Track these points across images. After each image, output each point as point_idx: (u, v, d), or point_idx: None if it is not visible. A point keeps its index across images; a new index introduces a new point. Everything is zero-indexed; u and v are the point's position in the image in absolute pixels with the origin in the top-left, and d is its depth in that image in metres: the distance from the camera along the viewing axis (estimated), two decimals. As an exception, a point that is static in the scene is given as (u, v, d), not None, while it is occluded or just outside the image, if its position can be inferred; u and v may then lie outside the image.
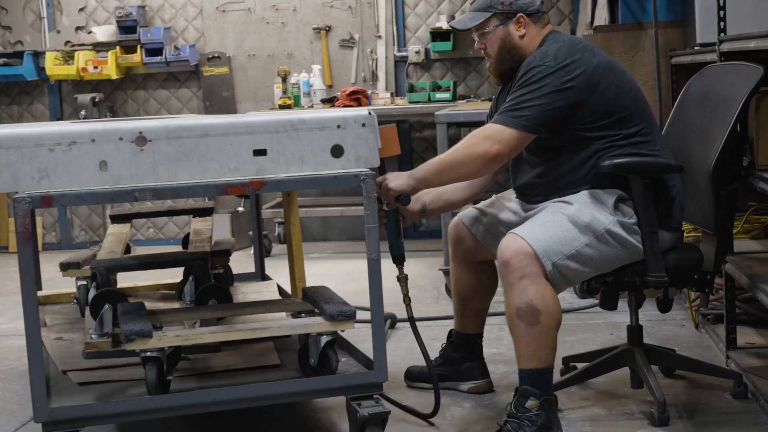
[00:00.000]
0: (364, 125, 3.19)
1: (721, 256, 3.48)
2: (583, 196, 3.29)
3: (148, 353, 3.04)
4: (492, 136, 3.24)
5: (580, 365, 3.80)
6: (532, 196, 3.47)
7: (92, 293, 3.86)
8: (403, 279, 3.49)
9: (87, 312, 3.65)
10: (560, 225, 3.20)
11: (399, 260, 3.50)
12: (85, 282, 4.13)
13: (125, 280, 4.51)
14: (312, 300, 3.38)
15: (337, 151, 3.17)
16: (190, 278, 3.92)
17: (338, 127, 3.17)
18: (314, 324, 3.17)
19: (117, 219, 4.68)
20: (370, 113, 3.21)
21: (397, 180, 3.37)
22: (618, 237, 3.24)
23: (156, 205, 4.70)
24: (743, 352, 3.94)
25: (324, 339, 3.18)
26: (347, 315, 3.14)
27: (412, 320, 3.50)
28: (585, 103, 3.25)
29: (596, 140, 3.30)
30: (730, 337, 3.95)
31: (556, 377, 3.74)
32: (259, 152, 3.11)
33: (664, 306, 3.59)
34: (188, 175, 3.05)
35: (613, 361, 3.64)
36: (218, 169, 3.07)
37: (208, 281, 3.91)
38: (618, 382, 3.78)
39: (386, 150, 3.29)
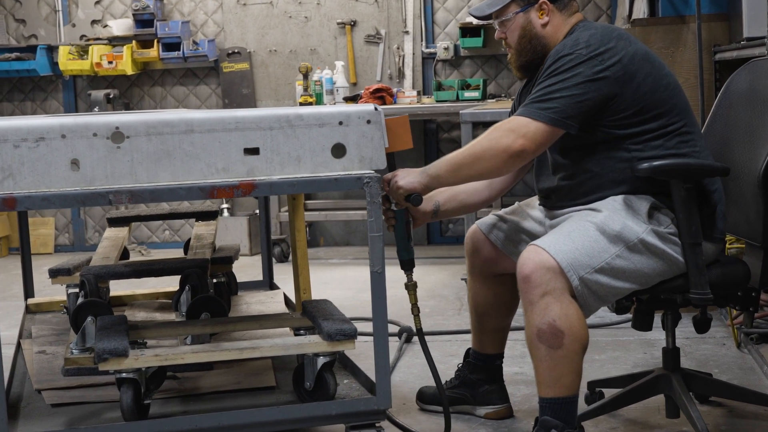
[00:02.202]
0: (369, 122, 2.88)
1: (768, 272, 3.12)
2: (612, 202, 2.96)
3: (124, 374, 2.73)
4: (516, 130, 2.91)
5: (607, 390, 3.45)
6: (557, 200, 3.14)
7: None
8: (411, 287, 3.15)
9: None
10: (587, 235, 2.87)
11: (407, 266, 3.15)
12: (76, 290, 3.84)
13: (126, 286, 4.23)
14: (311, 315, 3.06)
15: (338, 151, 2.86)
16: (187, 288, 3.62)
17: (340, 123, 2.86)
18: (310, 343, 2.85)
19: (114, 222, 4.39)
20: (376, 108, 2.90)
21: (407, 177, 3.03)
22: (653, 248, 2.90)
23: (156, 208, 4.40)
24: (791, 376, 3.58)
25: (321, 360, 2.85)
26: (347, 334, 2.82)
27: (420, 334, 3.18)
28: (619, 95, 2.93)
29: (628, 139, 2.98)
30: (776, 360, 3.59)
31: (581, 404, 3.42)
32: (251, 151, 2.79)
33: (702, 326, 3.25)
34: (170, 176, 2.74)
35: (647, 388, 3.29)
36: (204, 169, 2.76)
37: (206, 291, 3.61)
38: (651, 409, 3.44)
39: (396, 143, 2.97)
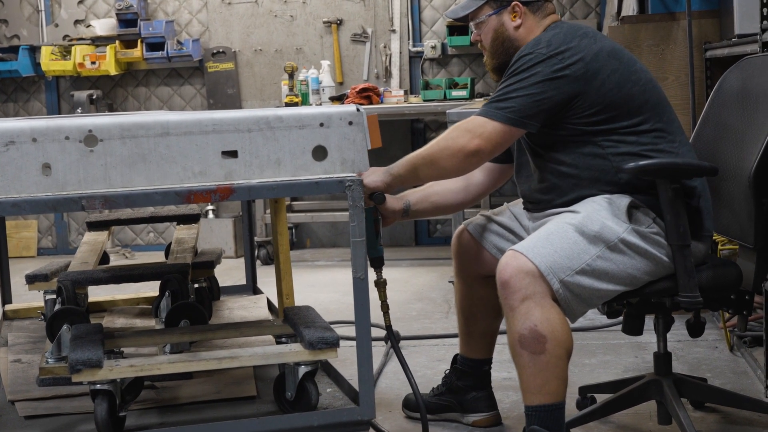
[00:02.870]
0: (351, 123, 2.81)
1: (761, 274, 3.06)
2: (590, 202, 2.91)
3: (98, 386, 2.64)
4: (472, 130, 2.89)
5: (599, 395, 3.37)
6: (537, 203, 3.09)
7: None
8: (381, 284, 3.09)
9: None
10: (566, 237, 2.81)
11: (376, 263, 3.09)
12: (53, 296, 3.75)
13: (107, 291, 4.15)
14: (292, 323, 2.97)
15: (319, 153, 2.79)
16: (167, 294, 3.53)
17: (321, 125, 2.78)
18: (291, 352, 2.76)
19: (94, 226, 4.29)
20: (357, 109, 2.82)
21: (371, 176, 2.97)
22: (635, 247, 2.84)
23: (136, 211, 4.31)
24: (785, 381, 3.50)
25: (302, 369, 2.76)
26: (329, 343, 2.74)
27: (390, 331, 3.09)
28: (583, 93, 2.89)
29: (600, 135, 2.93)
30: (770, 364, 3.51)
31: (572, 409, 3.35)
32: (229, 154, 2.70)
33: (696, 330, 3.20)
34: (146, 180, 2.66)
35: (637, 393, 3.21)
36: (180, 173, 2.68)
37: (186, 297, 3.52)
38: (642, 415, 3.36)
39: None
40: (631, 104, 2.93)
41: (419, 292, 5.57)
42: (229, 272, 6.10)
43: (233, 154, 2.71)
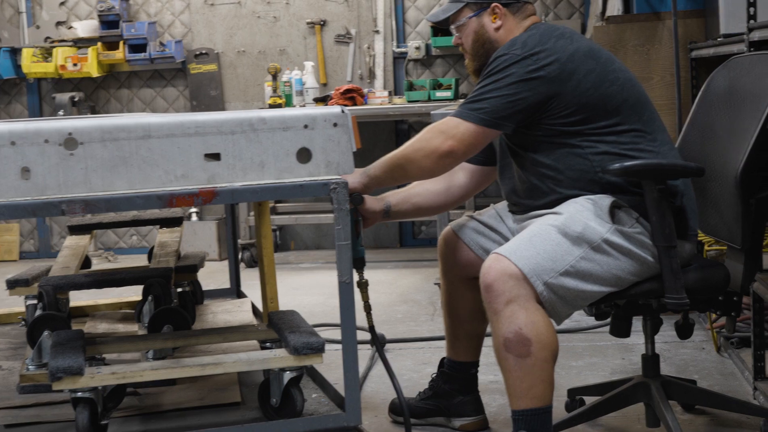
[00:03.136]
0: (335, 125, 2.77)
1: (750, 275, 3.03)
2: (573, 203, 2.89)
3: (79, 393, 2.59)
4: (446, 131, 2.90)
5: (588, 397, 3.35)
6: (519, 205, 3.09)
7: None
8: (363, 285, 3.06)
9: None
10: (549, 238, 2.79)
11: (358, 264, 3.05)
12: (35, 301, 3.70)
13: (89, 295, 4.09)
14: (277, 327, 2.93)
15: (303, 156, 2.75)
16: (149, 298, 3.49)
17: (305, 127, 2.75)
18: (275, 358, 2.72)
19: (75, 230, 4.24)
20: (342, 111, 2.78)
21: (349, 177, 2.95)
22: (619, 247, 2.83)
23: (119, 215, 4.26)
24: (773, 382, 3.49)
25: (287, 375, 2.73)
26: (314, 348, 2.70)
27: (373, 332, 3.06)
28: (559, 94, 2.89)
29: (578, 135, 2.92)
30: (758, 365, 3.50)
31: (561, 411, 3.32)
32: (212, 156, 2.66)
33: (685, 331, 3.18)
34: (127, 184, 2.62)
35: (625, 396, 3.19)
36: (163, 176, 2.64)
37: (169, 301, 3.48)
38: (631, 418, 3.34)
39: None
40: (609, 104, 2.91)
41: (404, 294, 5.54)
42: (213, 275, 6.06)
43: (216, 156, 2.67)
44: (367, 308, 3.09)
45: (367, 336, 4.17)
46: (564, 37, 2.95)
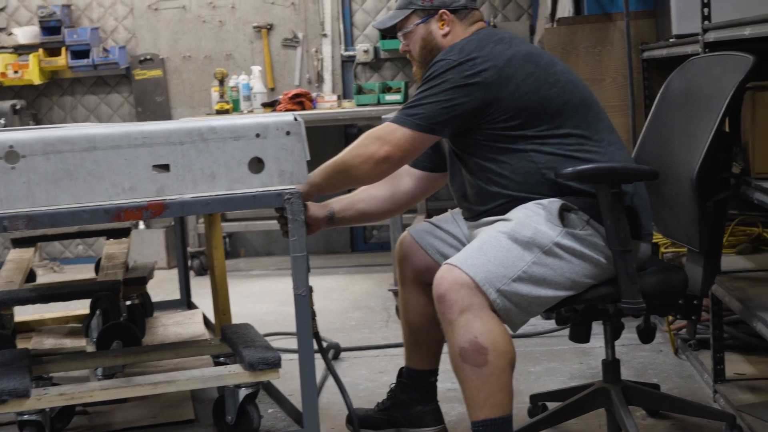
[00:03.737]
0: (288, 133, 2.70)
1: (709, 278, 3.00)
2: (522, 209, 2.86)
3: (26, 416, 2.49)
4: (382, 137, 2.89)
5: (551, 403, 3.31)
6: (471, 211, 3.06)
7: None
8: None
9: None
10: (499, 245, 2.76)
11: None
12: (-23, 318, 3.58)
13: (34, 309, 3.98)
14: (231, 342, 2.85)
15: (256, 165, 2.68)
16: (98, 312, 3.39)
17: (257, 136, 2.67)
18: (230, 375, 2.64)
19: (19, 242, 4.12)
20: (296, 119, 2.71)
21: None
22: (572, 250, 2.80)
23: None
24: (733, 384, 3.47)
25: (243, 392, 2.64)
26: (270, 363, 2.63)
27: (318, 338, 2.97)
28: (497, 100, 2.87)
29: (520, 139, 2.90)
30: (717, 368, 3.48)
31: (523, 417, 3.28)
32: (161, 168, 2.58)
33: (646, 335, 3.16)
34: (72, 198, 2.52)
35: (586, 402, 3.15)
36: (109, 189, 2.55)
37: (118, 315, 3.38)
38: (591, 424, 3.30)
39: None
40: (550, 106, 2.90)
41: (357, 300, 5.47)
42: (162, 284, 5.94)
43: (165, 167, 2.58)
44: (312, 314, 3.02)
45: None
46: (502, 42, 2.94)
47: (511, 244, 2.75)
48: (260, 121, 2.67)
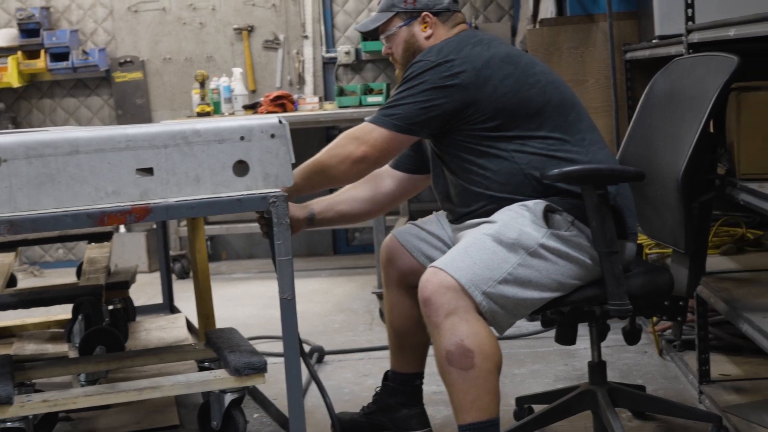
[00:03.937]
0: (273, 136, 2.67)
1: (695, 279, 3.00)
2: (507, 211, 2.85)
3: (8, 424, 2.46)
4: (360, 137, 2.91)
5: (537, 406, 3.30)
6: (454, 213, 3.06)
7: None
8: None
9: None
10: (484, 247, 2.75)
11: None
12: (-42, 324, 3.55)
13: (15, 314, 3.94)
14: (216, 347, 2.83)
15: (240, 169, 2.65)
16: (80, 318, 3.35)
17: (242, 139, 2.65)
18: (216, 380, 2.62)
19: (-1, 247, 4.08)
20: (280, 121, 2.69)
21: None
22: (557, 251, 2.79)
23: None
24: (718, 385, 3.47)
25: (228, 397, 2.62)
26: (256, 368, 2.61)
27: (299, 342, 2.94)
28: (476, 101, 2.88)
29: (501, 140, 2.90)
30: (702, 369, 3.48)
31: (509, 420, 3.27)
32: (144, 171, 2.55)
33: (632, 337, 3.15)
34: (54, 202, 2.49)
35: (571, 404, 3.14)
36: (93, 193, 2.52)
37: (100, 320, 3.35)
38: (578, 427, 3.29)
39: None
40: (529, 107, 2.90)
41: (340, 303, 5.45)
42: (144, 288, 5.91)
43: (149, 171, 2.56)
44: None
45: (305, 347, 4.10)
46: (481, 44, 2.94)
47: (496, 246, 2.75)
48: (245, 124, 2.65)
